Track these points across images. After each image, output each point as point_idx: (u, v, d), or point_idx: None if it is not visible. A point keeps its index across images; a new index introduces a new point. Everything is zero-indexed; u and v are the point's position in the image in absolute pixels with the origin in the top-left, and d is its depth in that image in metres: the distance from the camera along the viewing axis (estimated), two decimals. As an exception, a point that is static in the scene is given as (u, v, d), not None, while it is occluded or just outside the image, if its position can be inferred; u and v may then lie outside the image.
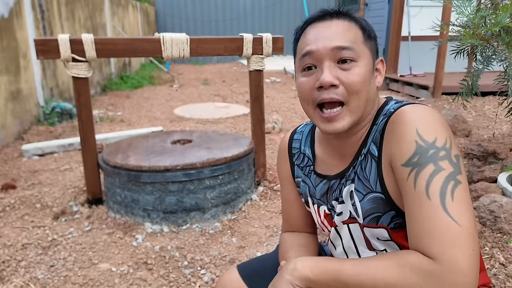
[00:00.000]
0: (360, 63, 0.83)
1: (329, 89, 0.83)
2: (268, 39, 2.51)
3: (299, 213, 1.09)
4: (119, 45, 2.25)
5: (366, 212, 0.86)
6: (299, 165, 1.05)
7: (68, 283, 1.74)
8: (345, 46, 0.82)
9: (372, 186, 0.85)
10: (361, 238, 0.92)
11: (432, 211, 0.69)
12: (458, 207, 0.68)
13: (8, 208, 2.42)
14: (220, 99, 6.31)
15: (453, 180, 0.70)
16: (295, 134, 1.10)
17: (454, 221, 0.67)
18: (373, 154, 0.85)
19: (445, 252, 0.65)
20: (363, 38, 0.86)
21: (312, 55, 0.85)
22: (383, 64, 0.93)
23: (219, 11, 13.49)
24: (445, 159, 0.72)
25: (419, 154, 0.73)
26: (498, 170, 2.44)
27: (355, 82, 0.82)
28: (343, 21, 0.86)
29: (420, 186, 0.71)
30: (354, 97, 0.83)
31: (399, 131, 0.78)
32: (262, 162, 2.73)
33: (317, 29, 0.87)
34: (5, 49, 3.71)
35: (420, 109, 0.79)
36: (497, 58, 2.34)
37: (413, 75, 6.73)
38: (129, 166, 2.18)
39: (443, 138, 0.74)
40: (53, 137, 3.96)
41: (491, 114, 4.69)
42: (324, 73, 0.82)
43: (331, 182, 0.95)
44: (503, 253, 1.83)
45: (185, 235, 2.15)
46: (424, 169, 0.72)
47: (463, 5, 2.18)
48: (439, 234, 0.67)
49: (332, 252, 1.03)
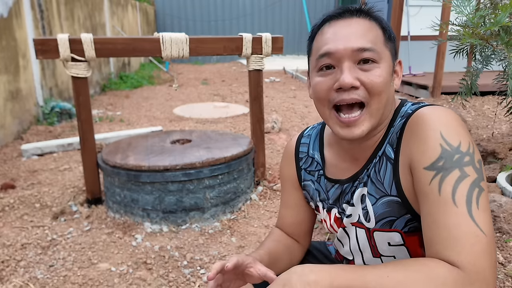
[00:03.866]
0: (381, 64, 0.80)
1: (349, 91, 0.79)
2: (267, 39, 2.51)
3: (295, 219, 1.06)
4: (119, 44, 2.25)
5: (379, 216, 0.84)
6: (307, 169, 1.02)
7: (67, 283, 1.74)
8: (367, 47, 0.78)
9: (386, 190, 0.82)
10: (366, 244, 0.90)
11: (460, 218, 0.67)
12: (483, 215, 0.67)
13: (8, 208, 2.41)
14: (219, 99, 6.31)
15: (477, 187, 0.69)
16: (302, 137, 1.06)
17: (481, 230, 0.66)
18: (388, 157, 0.83)
19: (474, 262, 0.64)
20: (384, 39, 0.82)
21: (331, 55, 0.80)
22: (401, 66, 0.89)
23: (219, 10, 13.50)
24: (470, 165, 0.71)
25: (445, 158, 0.71)
26: (497, 170, 2.44)
27: (377, 83, 0.79)
28: (364, 20, 0.82)
29: (445, 192, 0.69)
30: (376, 99, 0.79)
31: (422, 133, 0.75)
32: (261, 162, 2.73)
33: (336, 27, 0.82)
34: (4, 49, 3.71)
35: (442, 111, 0.76)
36: (496, 58, 2.34)
37: (412, 74, 6.73)
38: (128, 165, 2.18)
39: (466, 142, 0.73)
40: (53, 137, 3.96)
41: (490, 113, 4.69)
42: (344, 74, 0.78)
43: (343, 186, 0.92)
44: (502, 252, 1.83)
45: (185, 234, 2.15)
46: (450, 175, 0.70)
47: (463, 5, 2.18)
48: (468, 244, 0.65)
49: (339, 250, 1.02)
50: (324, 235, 2.05)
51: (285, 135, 4.05)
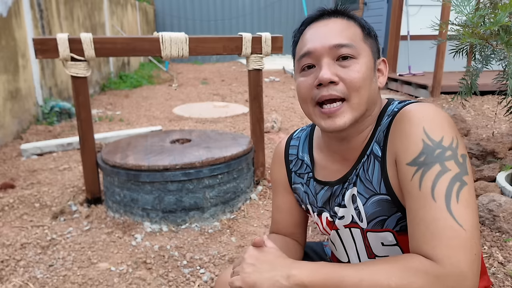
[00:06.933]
0: (360, 60, 0.82)
1: (328, 86, 0.81)
2: (267, 38, 2.51)
3: (290, 222, 1.06)
4: (118, 44, 2.25)
5: (370, 216, 0.84)
6: (297, 172, 1.02)
7: (67, 283, 1.74)
8: (344, 43, 0.81)
9: (375, 188, 0.83)
10: (362, 244, 0.90)
11: (437, 213, 0.68)
12: (463, 209, 0.67)
13: (7, 207, 2.41)
14: (219, 98, 6.31)
15: (459, 181, 0.69)
16: (291, 140, 1.06)
17: (459, 224, 0.66)
18: (376, 155, 0.83)
19: (449, 256, 0.65)
20: (363, 36, 0.85)
21: (310, 54, 0.83)
22: (386, 64, 0.90)
23: (218, 10, 13.49)
24: (452, 159, 0.71)
25: (426, 153, 0.72)
26: (497, 169, 2.45)
27: (355, 78, 0.80)
28: (341, 20, 0.85)
29: (425, 187, 0.70)
30: (355, 94, 0.81)
31: (405, 129, 0.76)
32: (261, 162, 2.73)
33: (314, 28, 0.86)
34: (4, 48, 3.70)
35: (426, 107, 0.77)
36: (496, 57, 2.34)
37: (412, 74, 6.73)
38: (128, 165, 2.18)
39: (449, 137, 0.73)
40: (52, 137, 3.96)
41: (490, 113, 4.69)
42: (323, 70, 0.80)
43: (333, 188, 0.92)
44: (502, 252, 1.84)
45: (184, 234, 2.15)
46: (430, 170, 0.71)
47: (462, 4, 2.18)
48: (443, 237, 0.66)
49: (333, 251, 1.02)
50: (323, 235, 2.05)
51: (285, 134, 4.05)
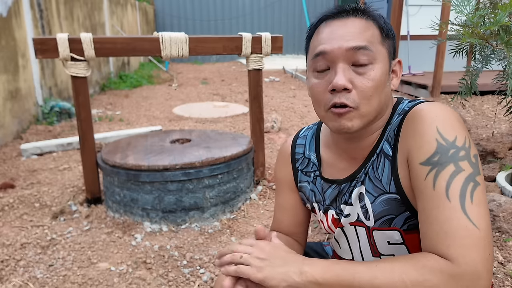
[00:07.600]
0: (376, 65, 0.80)
1: (341, 93, 0.79)
2: (267, 38, 2.51)
3: (292, 222, 1.06)
4: (118, 44, 2.25)
5: (378, 215, 0.84)
6: (303, 170, 1.01)
7: (67, 283, 1.74)
8: (362, 45, 0.79)
9: (384, 187, 0.82)
10: (367, 243, 0.90)
11: (452, 213, 0.67)
12: (477, 209, 0.68)
13: (7, 207, 2.41)
14: (219, 98, 6.31)
15: (472, 181, 0.69)
16: (298, 138, 1.05)
17: (473, 224, 0.66)
18: (386, 154, 0.83)
19: (464, 255, 0.65)
20: (381, 38, 0.82)
21: (325, 55, 0.81)
22: (401, 65, 0.88)
23: (218, 10, 13.49)
24: (465, 160, 0.71)
25: (440, 153, 0.72)
26: (497, 169, 2.45)
27: (367, 87, 0.79)
28: (360, 19, 0.82)
29: (440, 186, 0.70)
30: (365, 102, 0.80)
31: (418, 128, 0.76)
32: (261, 161, 2.73)
33: (331, 27, 0.82)
34: (4, 48, 3.70)
35: (438, 107, 0.77)
36: (496, 57, 2.34)
37: (412, 74, 6.74)
38: (128, 165, 2.18)
39: (462, 137, 0.73)
40: (52, 137, 3.96)
41: (489, 113, 4.69)
42: (338, 76, 0.79)
43: (341, 186, 0.92)
44: (502, 252, 1.83)
45: (184, 234, 2.15)
46: (444, 170, 0.70)
47: (462, 4, 2.18)
48: (458, 237, 0.66)
49: (336, 250, 1.02)
50: (324, 234, 2.05)
51: (285, 134, 4.05)
